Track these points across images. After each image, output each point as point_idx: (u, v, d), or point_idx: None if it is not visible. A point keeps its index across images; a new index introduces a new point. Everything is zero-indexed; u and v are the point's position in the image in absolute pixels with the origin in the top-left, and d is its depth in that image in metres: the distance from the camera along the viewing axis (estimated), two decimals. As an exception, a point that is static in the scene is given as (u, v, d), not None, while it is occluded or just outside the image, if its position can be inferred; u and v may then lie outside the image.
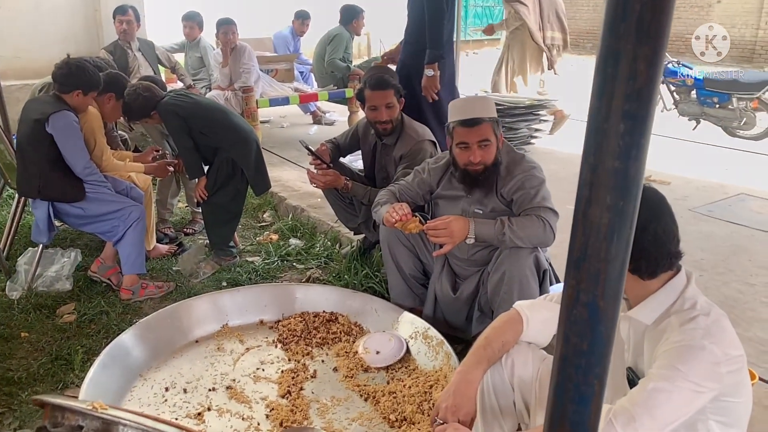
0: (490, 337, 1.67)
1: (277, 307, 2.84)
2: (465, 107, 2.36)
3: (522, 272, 2.30)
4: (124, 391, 2.28)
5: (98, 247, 3.68)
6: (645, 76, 0.78)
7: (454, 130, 2.36)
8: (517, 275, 2.29)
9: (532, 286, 2.33)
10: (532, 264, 2.33)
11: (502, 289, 2.33)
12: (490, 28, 6.83)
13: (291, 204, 4.30)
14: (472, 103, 2.40)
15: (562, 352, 0.93)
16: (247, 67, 5.39)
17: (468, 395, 1.57)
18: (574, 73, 12.53)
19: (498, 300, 2.36)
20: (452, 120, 2.36)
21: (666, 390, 1.28)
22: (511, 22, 6.25)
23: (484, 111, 2.31)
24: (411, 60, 3.76)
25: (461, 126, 2.32)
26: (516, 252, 2.31)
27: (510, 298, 2.29)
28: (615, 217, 0.84)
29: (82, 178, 3.03)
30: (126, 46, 5.15)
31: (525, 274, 2.31)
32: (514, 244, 2.26)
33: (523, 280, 2.30)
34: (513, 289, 2.29)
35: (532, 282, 2.33)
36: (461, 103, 2.44)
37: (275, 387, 2.36)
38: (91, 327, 2.88)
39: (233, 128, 3.37)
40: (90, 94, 3.07)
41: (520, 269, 2.30)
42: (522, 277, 2.30)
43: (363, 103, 2.99)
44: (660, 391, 1.29)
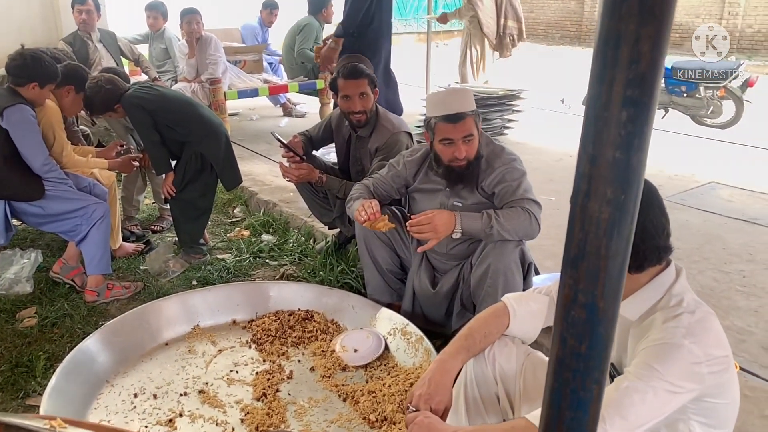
0: (473, 328, 1.62)
1: (250, 306, 2.75)
2: (446, 101, 2.27)
3: (507, 266, 2.26)
4: (89, 399, 2.17)
5: (60, 247, 3.53)
6: (648, 60, 0.72)
7: (436, 126, 2.27)
8: (502, 269, 2.25)
9: (517, 280, 2.29)
10: (518, 257, 2.30)
11: (486, 283, 2.28)
12: (444, 17, 6.77)
13: (262, 199, 4.19)
14: (452, 96, 2.30)
15: (559, 355, 0.88)
16: (214, 59, 5.24)
17: (443, 384, 1.53)
18: (542, 63, 12.61)
19: (481, 294, 2.31)
20: (434, 115, 2.27)
21: (640, 390, 1.24)
22: (465, 12, 6.23)
23: (465, 104, 2.24)
24: (349, 47, 3.89)
25: (445, 122, 2.24)
26: (501, 245, 2.26)
27: (494, 292, 2.25)
28: (615, 212, 0.78)
29: (41, 175, 2.88)
30: (86, 37, 4.95)
31: (510, 268, 2.26)
32: (501, 237, 2.21)
33: (508, 274, 2.26)
34: (498, 283, 2.25)
35: (516, 276, 2.29)
36: (442, 97, 2.33)
37: (250, 389, 2.27)
38: (54, 331, 2.75)
39: (201, 121, 3.24)
40: (47, 87, 2.92)
41: (506, 263, 2.26)
42: (507, 271, 2.26)
43: (336, 92, 2.90)
44: (633, 390, 1.24)
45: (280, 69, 6.80)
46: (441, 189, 2.41)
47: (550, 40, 17.62)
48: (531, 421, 1.29)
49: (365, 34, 4.00)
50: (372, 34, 4.06)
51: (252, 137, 5.86)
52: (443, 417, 1.50)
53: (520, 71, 10.77)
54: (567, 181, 2.30)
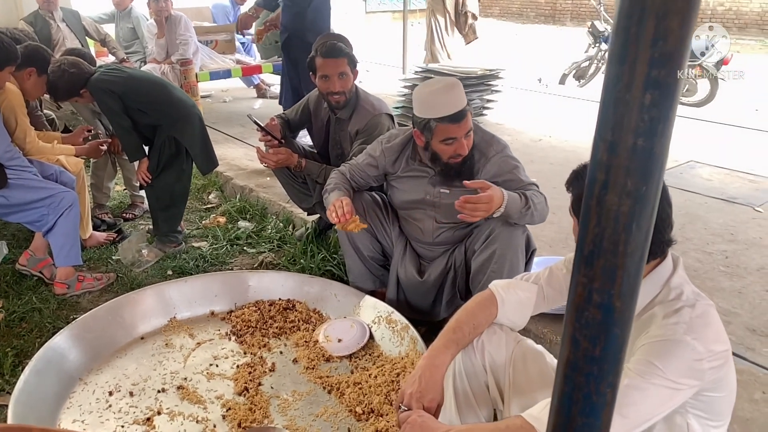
0: (461, 320, 1.56)
1: (228, 297, 2.66)
2: (446, 101, 2.11)
3: (514, 251, 2.21)
4: (61, 398, 2.07)
5: (27, 238, 3.38)
6: (676, 36, 0.65)
7: (437, 128, 2.13)
8: (509, 255, 2.20)
9: (521, 265, 2.26)
10: (523, 243, 2.26)
11: (489, 268, 2.21)
12: None
13: (238, 184, 4.07)
14: (450, 94, 2.13)
15: (570, 359, 0.81)
16: (184, 39, 5.06)
17: (434, 381, 1.47)
18: (517, 43, 12.55)
19: (483, 278, 2.23)
20: (433, 116, 2.12)
21: (640, 387, 1.19)
22: None
23: (462, 99, 2.14)
24: (291, 23, 3.92)
25: (449, 122, 2.12)
26: (510, 231, 2.20)
27: (498, 277, 2.15)
28: (636, 205, 0.72)
29: (2, 163, 2.73)
30: (48, 17, 4.74)
31: (516, 254, 2.22)
32: (529, 220, 2.16)
33: (514, 259, 2.21)
34: (503, 268, 2.19)
35: (521, 262, 2.25)
36: (439, 97, 2.13)
37: (231, 384, 2.19)
38: (22, 326, 2.63)
39: (174, 104, 3.11)
40: (6, 69, 2.75)
41: (513, 248, 2.21)
42: (513, 257, 2.21)
43: (314, 72, 2.79)
44: (634, 388, 1.20)
45: (253, 49, 6.61)
46: (425, 176, 2.33)
47: (525, 19, 17.56)
48: (528, 421, 1.24)
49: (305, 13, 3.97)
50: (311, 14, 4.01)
51: (225, 120, 5.70)
52: (436, 414, 1.44)
53: (495, 50, 10.70)
54: (547, 162, 2.25)
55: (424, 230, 2.40)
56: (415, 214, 2.40)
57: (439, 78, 2.27)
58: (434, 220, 2.37)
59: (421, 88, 2.21)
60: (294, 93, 4.19)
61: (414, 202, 2.38)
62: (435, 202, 2.34)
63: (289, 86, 4.31)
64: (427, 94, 2.16)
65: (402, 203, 2.42)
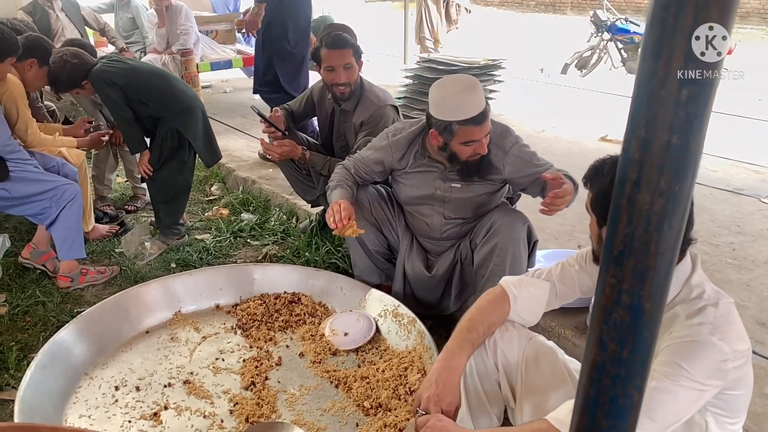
0: (475, 319, 1.54)
1: (233, 290, 2.64)
2: (468, 103, 2.06)
3: (516, 244, 2.19)
4: (67, 393, 2.05)
5: (29, 230, 3.36)
6: (717, 29, 0.63)
7: (459, 130, 2.09)
8: (510, 247, 2.18)
9: (524, 258, 2.24)
10: (525, 235, 2.23)
11: (492, 261, 2.20)
12: None
13: (240, 176, 4.04)
14: (471, 95, 2.08)
15: (596, 361, 0.80)
16: (185, 29, 5.01)
17: (451, 383, 1.44)
18: (518, 32, 12.47)
19: (486, 272, 2.22)
20: (455, 119, 2.07)
21: (669, 390, 1.18)
22: None
23: (482, 99, 2.10)
24: (273, 11, 3.89)
25: (473, 125, 2.08)
26: (510, 223, 2.19)
27: (501, 270, 2.17)
28: (668, 204, 0.69)
29: (3, 156, 2.70)
30: (47, 6, 4.68)
31: (518, 247, 2.20)
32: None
33: (516, 252, 2.19)
34: (505, 262, 2.18)
35: (523, 254, 2.23)
36: (460, 100, 2.07)
37: (238, 378, 2.18)
38: (26, 320, 2.61)
39: (176, 95, 3.07)
40: (7, 61, 2.71)
41: (514, 241, 2.19)
42: (515, 249, 2.19)
43: (319, 63, 2.76)
44: (662, 390, 1.18)
45: (253, 39, 6.56)
46: (435, 171, 2.30)
47: (525, 8, 17.45)
48: (554, 425, 1.22)
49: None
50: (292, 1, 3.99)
51: (226, 110, 5.66)
52: (454, 417, 1.42)
53: (495, 40, 10.64)
54: (550, 153, 2.25)
55: (431, 226, 2.38)
56: (423, 209, 2.38)
57: (456, 78, 2.18)
58: (442, 216, 2.35)
59: (440, 89, 2.14)
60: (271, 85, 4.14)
61: (422, 197, 2.35)
62: (445, 197, 2.31)
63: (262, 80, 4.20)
64: (447, 96, 2.10)
65: (409, 199, 2.39)
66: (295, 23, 3.94)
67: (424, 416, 1.40)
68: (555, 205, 1.99)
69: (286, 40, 3.97)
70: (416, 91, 5.16)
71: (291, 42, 3.97)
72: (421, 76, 5.16)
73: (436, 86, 2.16)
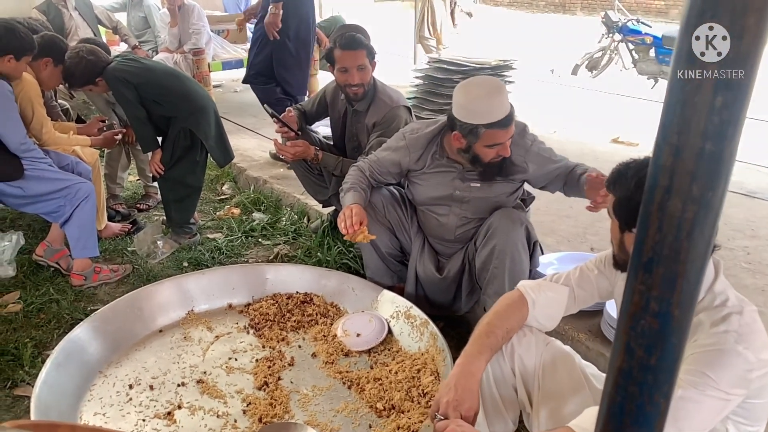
0: (493, 324, 1.53)
1: (246, 290, 2.64)
2: (494, 106, 2.05)
3: (514, 246, 2.18)
4: (82, 391, 2.06)
5: (43, 228, 3.39)
6: (753, 35, 0.62)
7: (485, 133, 2.08)
8: (508, 249, 2.17)
9: (524, 259, 2.22)
10: (523, 237, 2.22)
11: (492, 264, 2.20)
12: None
13: (252, 175, 4.05)
14: (496, 98, 2.07)
15: (623, 367, 0.79)
16: (197, 28, 5.02)
17: (470, 388, 1.44)
18: (528, 32, 12.43)
19: (487, 275, 2.23)
20: (482, 122, 2.07)
21: (695, 399, 1.16)
22: None
23: (507, 102, 2.09)
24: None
25: (499, 128, 2.07)
26: (507, 225, 2.18)
27: (501, 273, 2.18)
28: (700, 211, 0.69)
29: (18, 155, 2.72)
30: (61, 5, 4.71)
31: (517, 248, 2.19)
32: None
33: (515, 254, 2.18)
34: (504, 264, 2.18)
35: (523, 255, 2.22)
36: (487, 103, 2.06)
37: (251, 378, 2.18)
38: (40, 317, 2.63)
39: (189, 96, 3.08)
40: (23, 60, 2.73)
41: (512, 243, 2.18)
42: (513, 251, 2.18)
43: (332, 64, 2.76)
44: (688, 400, 1.16)
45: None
46: (453, 172, 2.30)
47: (535, 8, 17.40)
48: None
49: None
50: None
51: (237, 110, 5.67)
52: (473, 423, 1.42)
53: (505, 40, 10.61)
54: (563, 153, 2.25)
55: (446, 226, 2.37)
56: (439, 209, 2.37)
57: (482, 81, 2.17)
58: (458, 216, 2.34)
59: (466, 92, 2.12)
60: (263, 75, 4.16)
61: (439, 198, 2.35)
62: (463, 197, 2.31)
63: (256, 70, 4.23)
64: (473, 99, 2.09)
65: (426, 199, 2.38)
66: (297, 22, 3.97)
67: (443, 421, 1.39)
68: (605, 204, 2.00)
69: (287, 37, 4.00)
70: (426, 91, 5.14)
71: (291, 39, 4.01)
72: (431, 76, 5.14)
73: (462, 88, 2.14)
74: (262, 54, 4.08)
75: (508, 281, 2.19)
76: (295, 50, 4.03)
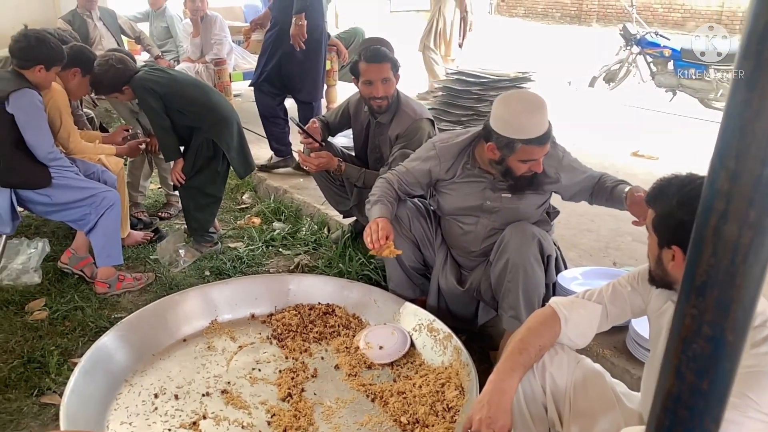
0: (526, 341, 1.52)
1: (268, 300, 2.66)
2: (534, 123, 2.06)
3: (526, 259, 2.17)
4: (108, 399, 2.08)
5: (66, 235, 3.43)
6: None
7: (521, 148, 2.08)
8: (521, 263, 2.17)
9: (537, 273, 2.21)
10: (537, 250, 2.21)
11: (506, 278, 2.20)
12: None
13: (272, 185, 4.08)
14: (537, 114, 2.07)
15: (673, 391, 0.78)
16: (219, 38, 5.08)
17: (503, 406, 1.43)
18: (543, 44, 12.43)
19: (502, 290, 2.23)
20: (520, 137, 2.06)
21: (736, 421, 1.15)
22: None
23: (546, 119, 2.10)
24: (282, 15, 3.99)
25: (536, 145, 2.08)
26: (520, 239, 2.18)
27: (515, 287, 2.18)
28: (757, 237, 0.68)
29: (46, 164, 2.76)
30: (86, 15, 4.79)
31: (530, 262, 2.18)
32: None
33: (528, 268, 2.18)
34: (518, 278, 2.17)
35: (537, 269, 2.20)
36: (528, 119, 2.06)
37: (274, 389, 2.19)
38: (65, 324, 2.66)
39: (213, 107, 3.12)
40: (53, 70, 2.78)
41: (524, 256, 2.17)
42: (527, 265, 2.17)
43: (357, 77, 2.78)
44: (730, 422, 1.15)
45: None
46: (484, 182, 2.30)
47: (550, 19, 17.41)
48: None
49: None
50: None
51: (255, 119, 5.64)
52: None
53: (521, 52, 10.62)
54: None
55: (473, 237, 2.37)
56: (466, 219, 2.37)
57: (523, 96, 2.18)
58: (486, 227, 2.34)
59: (506, 106, 2.12)
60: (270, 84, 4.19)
61: (468, 208, 2.34)
62: (493, 207, 2.30)
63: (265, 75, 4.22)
64: (514, 114, 2.09)
65: (454, 209, 2.38)
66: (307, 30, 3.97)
67: None
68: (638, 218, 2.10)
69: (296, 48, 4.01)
70: (445, 102, 5.15)
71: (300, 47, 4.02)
72: (450, 88, 5.15)
73: (503, 101, 2.14)
74: (271, 62, 4.13)
75: (522, 295, 2.18)
76: (303, 58, 4.07)
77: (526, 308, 2.17)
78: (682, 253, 1.27)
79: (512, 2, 18.59)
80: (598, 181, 2.33)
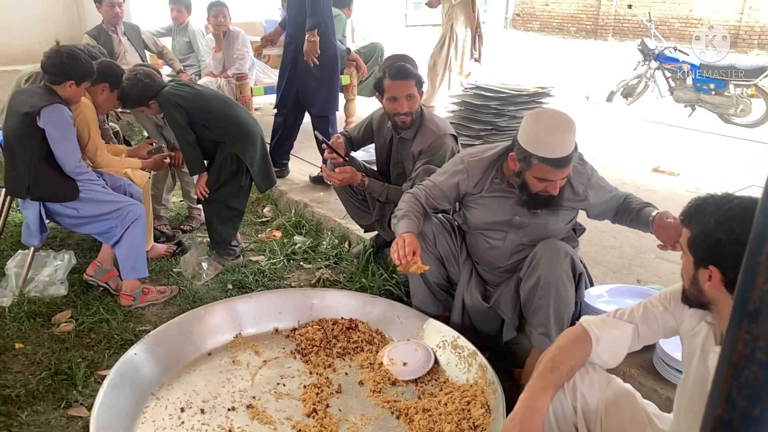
0: (557, 359, 1.52)
1: (292, 314, 2.67)
2: (556, 143, 2.03)
3: (558, 277, 2.16)
4: (136, 412, 2.10)
5: (91, 247, 3.47)
6: None
7: (536, 165, 2.07)
8: (553, 280, 2.16)
9: (569, 291, 2.20)
10: (569, 268, 2.19)
11: (536, 295, 2.19)
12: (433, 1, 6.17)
13: (293, 198, 4.10)
14: (561, 135, 2.04)
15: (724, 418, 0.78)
16: (242, 54, 5.15)
17: (535, 425, 1.43)
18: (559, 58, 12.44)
19: (531, 306, 2.22)
20: (537, 154, 2.05)
21: None
22: None
23: (571, 144, 2.07)
24: (297, 33, 4.11)
25: (551, 166, 2.05)
26: (552, 256, 2.17)
27: (546, 304, 2.16)
28: (811, 263, 0.69)
29: (73, 177, 2.81)
30: (111, 30, 4.87)
31: (562, 279, 2.17)
32: None
33: (560, 286, 2.16)
34: (549, 295, 2.16)
35: (569, 287, 2.19)
36: (550, 138, 2.04)
37: (299, 404, 2.19)
38: (91, 336, 2.68)
39: (238, 122, 3.16)
40: (83, 85, 2.83)
41: (557, 274, 2.16)
42: (558, 282, 2.16)
43: (381, 93, 2.80)
44: None
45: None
46: (512, 197, 2.29)
47: (566, 34, 17.43)
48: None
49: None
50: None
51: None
52: None
53: (537, 66, 10.63)
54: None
55: (500, 252, 2.36)
56: (493, 234, 2.37)
57: (554, 114, 2.15)
58: (514, 243, 2.33)
59: (535, 121, 2.11)
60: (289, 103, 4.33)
61: (496, 223, 2.34)
62: (522, 222, 2.29)
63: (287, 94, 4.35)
64: (539, 129, 2.08)
65: (482, 224, 2.37)
66: (321, 46, 4.06)
67: None
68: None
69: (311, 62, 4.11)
70: (463, 117, 5.16)
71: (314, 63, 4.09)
72: (468, 102, 5.17)
73: (533, 116, 2.13)
74: (283, 81, 4.27)
75: (553, 313, 2.17)
76: (318, 73, 4.16)
77: (556, 326, 2.16)
78: (719, 273, 1.26)
79: (528, 16, 18.65)
80: (623, 201, 2.33)
